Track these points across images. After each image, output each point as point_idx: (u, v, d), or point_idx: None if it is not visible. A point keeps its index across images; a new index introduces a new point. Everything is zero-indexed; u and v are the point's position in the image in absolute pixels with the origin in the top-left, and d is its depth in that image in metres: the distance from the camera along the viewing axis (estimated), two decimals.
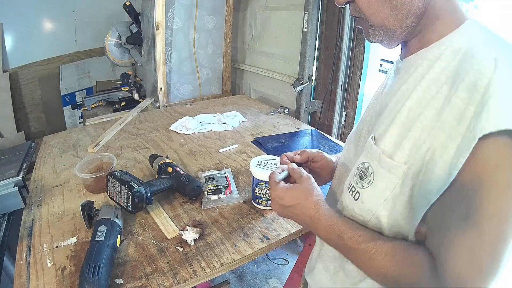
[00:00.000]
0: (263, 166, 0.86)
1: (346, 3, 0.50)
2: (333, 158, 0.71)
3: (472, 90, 0.39)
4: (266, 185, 0.85)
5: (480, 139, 0.37)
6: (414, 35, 0.49)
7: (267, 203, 0.88)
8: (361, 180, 0.51)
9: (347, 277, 0.57)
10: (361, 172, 0.51)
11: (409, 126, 0.45)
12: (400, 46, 0.53)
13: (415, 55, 0.49)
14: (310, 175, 0.58)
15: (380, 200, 0.47)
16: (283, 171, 0.60)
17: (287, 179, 0.60)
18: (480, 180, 0.38)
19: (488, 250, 0.38)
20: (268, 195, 0.86)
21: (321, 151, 0.70)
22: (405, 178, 0.44)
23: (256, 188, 0.87)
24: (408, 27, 0.47)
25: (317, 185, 0.56)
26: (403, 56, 0.53)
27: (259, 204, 0.89)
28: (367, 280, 0.53)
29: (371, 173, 0.49)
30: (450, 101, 0.41)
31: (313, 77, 1.60)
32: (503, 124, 0.36)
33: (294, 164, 0.61)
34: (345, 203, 0.54)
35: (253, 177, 0.87)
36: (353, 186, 0.52)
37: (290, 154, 0.68)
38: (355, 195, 0.51)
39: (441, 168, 0.40)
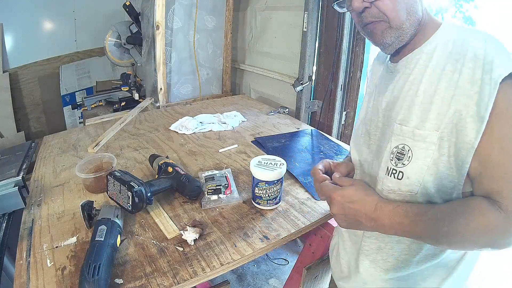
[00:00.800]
0: (263, 166, 0.86)
1: (364, 8, 0.56)
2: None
3: (475, 59, 0.50)
4: (266, 185, 0.85)
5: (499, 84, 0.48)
6: (410, 41, 0.58)
7: (267, 203, 0.88)
8: (400, 161, 0.57)
9: (399, 260, 0.61)
10: (397, 154, 0.57)
11: (429, 101, 0.53)
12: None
13: (411, 54, 0.59)
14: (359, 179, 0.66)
15: (424, 169, 0.54)
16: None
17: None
18: (506, 116, 0.49)
19: None
20: (268, 195, 0.87)
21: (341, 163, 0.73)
22: (440, 142, 0.52)
23: (256, 188, 0.87)
24: (414, 31, 0.57)
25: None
26: (395, 60, 0.62)
27: (259, 204, 0.89)
28: (422, 251, 0.59)
29: (408, 150, 0.56)
30: (461, 71, 0.51)
31: (313, 77, 1.60)
32: (510, 69, 0.48)
33: (336, 174, 0.66)
34: (389, 187, 0.58)
35: (253, 177, 0.87)
36: (393, 169, 0.58)
37: (323, 167, 0.70)
38: (398, 175, 0.57)
39: (471, 121, 0.49)
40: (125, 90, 2.12)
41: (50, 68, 2.63)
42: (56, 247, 0.75)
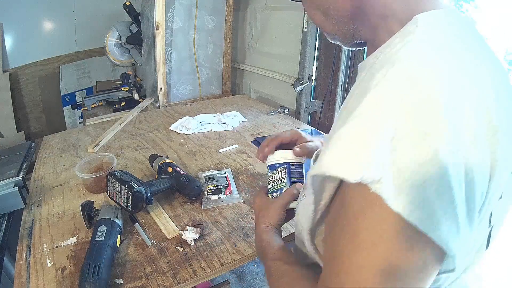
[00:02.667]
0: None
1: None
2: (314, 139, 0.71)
3: (354, 104, 0.34)
4: (269, 170, 0.65)
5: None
6: (366, 38, 0.45)
7: (272, 197, 0.71)
8: (302, 193, 0.50)
9: None
10: (304, 184, 0.49)
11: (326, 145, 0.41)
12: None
13: (362, 63, 0.45)
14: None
15: (306, 216, 0.43)
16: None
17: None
18: (338, 225, 0.34)
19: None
20: (272, 185, 0.66)
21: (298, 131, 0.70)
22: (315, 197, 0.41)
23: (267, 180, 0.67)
24: (346, 29, 0.45)
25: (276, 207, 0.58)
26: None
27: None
28: None
29: (306, 188, 0.45)
30: (344, 118, 0.35)
31: (313, 77, 1.60)
32: (328, 169, 0.32)
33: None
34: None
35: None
36: (299, 198, 0.52)
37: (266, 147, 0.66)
38: (297, 207, 0.50)
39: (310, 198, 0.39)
40: (125, 90, 2.12)
41: (50, 68, 2.63)
42: (56, 247, 0.75)
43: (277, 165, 0.62)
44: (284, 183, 0.62)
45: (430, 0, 0.38)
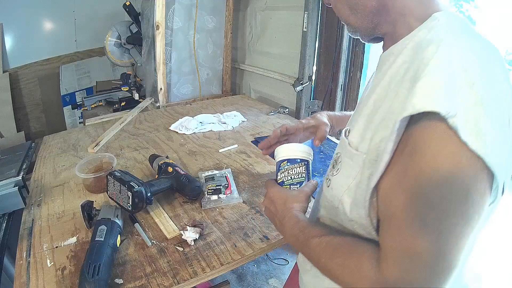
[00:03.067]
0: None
1: (329, 5, 0.56)
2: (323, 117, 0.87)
3: (414, 78, 0.40)
4: (288, 164, 0.65)
5: (411, 123, 0.38)
6: (385, 32, 0.51)
7: (290, 188, 0.67)
8: (333, 169, 0.54)
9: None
10: (334, 161, 0.55)
11: (371, 119, 0.47)
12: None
13: (387, 51, 0.51)
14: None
15: (344, 187, 0.49)
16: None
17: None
18: (408, 168, 0.38)
19: (431, 242, 0.37)
20: (291, 177, 0.66)
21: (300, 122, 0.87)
22: (363, 167, 0.46)
23: (279, 173, 0.67)
24: (369, 24, 0.51)
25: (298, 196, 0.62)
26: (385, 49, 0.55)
27: None
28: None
29: (340, 162, 0.52)
30: (397, 92, 0.42)
31: (313, 77, 1.60)
32: (423, 106, 0.36)
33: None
34: (322, 190, 0.58)
35: (276, 161, 0.68)
36: (327, 174, 0.56)
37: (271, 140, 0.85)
38: (328, 182, 0.55)
39: (387, 154, 0.41)
40: (125, 90, 2.12)
41: (50, 68, 2.63)
42: (56, 247, 0.75)
43: (299, 160, 0.65)
44: (303, 178, 0.65)
45: (437, 2, 0.46)
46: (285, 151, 0.66)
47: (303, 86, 1.57)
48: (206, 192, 0.93)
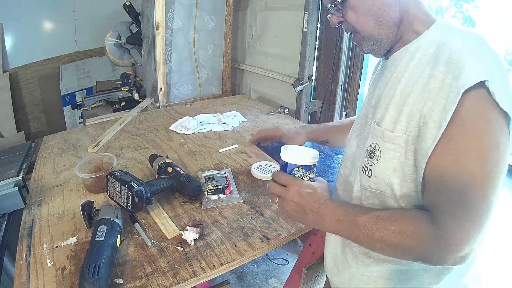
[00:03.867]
0: (295, 151, 0.69)
1: (339, 23, 0.60)
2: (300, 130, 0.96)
3: (448, 63, 0.48)
4: (304, 170, 0.64)
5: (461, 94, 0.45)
6: (397, 40, 0.58)
7: None
8: (371, 159, 0.58)
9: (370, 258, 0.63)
10: (370, 152, 0.58)
11: (403, 103, 0.53)
12: None
13: (399, 51, 0.58)
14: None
15: (390, 170, 0.54)
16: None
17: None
18: (464, 128, 0.46)
19: (479, 192, 0.46)
20: (309, 181, 0.66)
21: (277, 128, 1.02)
22: (406, 145, 0.52)
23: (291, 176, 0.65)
24: (391, 35, 0.57)
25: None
26: (387, 57, 0.62)
27: None
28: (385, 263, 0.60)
29: (378, 150, 0.56)
30: (433, 75, 0.50)
31: (313, 77, 1.60)
32: (477, 78, 0.45)
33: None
34: (362, 183, 0.60)
35: (284, 163, 0.66)
36: (365, 166, 0.59)
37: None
38: (368, 173, 0.58)
39: (432, 127, 0.48)
40: (125, 90, 2.13)
41: (50, 68, 2.63)
42: (56, 247, 0.75)
43: (312, 166, 0.67)
44: (314, 179, 0.68)
45: (432, 14, 0.57)
46: (300, 157, 0.65)
47: (303, 86, 1.57)
48: (206, 192, 0.93)
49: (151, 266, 0.70)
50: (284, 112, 1.64)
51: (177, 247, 0.75)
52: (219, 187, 0.93)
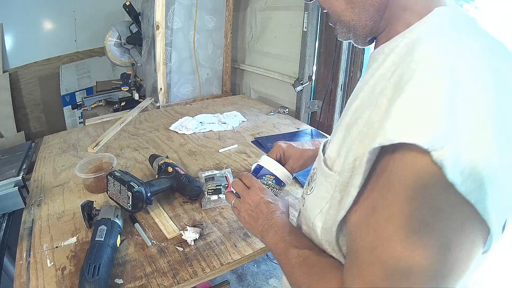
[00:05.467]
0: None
1: (311, 0, 0.50)
2: (306, 145, 0.73)
3: (397, 87, 0.33)
4: (275, 182, 0.67)
5: (385, 151, 0.32)
6: (382, 30, 0.43)
7: None
8: (308, 186, 0.49)
9: None
10: (310, 177, 0.49)
11: (349, 130, 0.40)
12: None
13: (378, 49, 0.43)
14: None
15: (317, 210, 0.44)
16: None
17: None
18: (387, 207, 0.32)
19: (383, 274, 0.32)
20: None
21: (283, 144, 0.73)
22: (335, 189, 0.40)
23: (260, 179, 0.68)
24: (368, 22, 0.42)
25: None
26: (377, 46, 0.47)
27: None
28: None
29: (314, 180, 0.46)
30: (377, 101, 0.36)
31: (313, 77, 1.60)
32: (398, 136, 0.29)
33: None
34: (300, 209, 0.54)
35: (258, 166, 0.69)
36: (303, 192, 0.51)
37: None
38: (302, 201, 0.50)
39: (354, 192, 0.36)
40: (125, 90, 2.12)
41: (50, 68, 2.62)
42: (56, 247, 0.75)
43: (283, 184, 0.68)
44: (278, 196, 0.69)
45: None
46: (278, 168, 0.67)
47: (303, 86, 1.57)
48: (206, 192, 0.93)
49: (151, 266, 0.70)
50: (284, 112, 1.64)
51: (177, 247, 0.75)
52: (219, 187, 0.93)
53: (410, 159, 0.30)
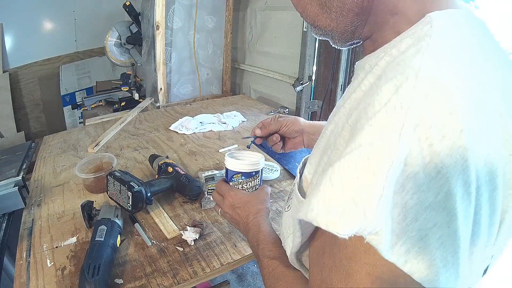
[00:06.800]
0: (239, 157, 0.72)
1: None
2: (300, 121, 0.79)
3: (350, 136, 0.29)
4: (243, 177, 0.66)
5: None
6: (367, 35, 0.39)
7: None
8: (286, 202, 0.48)
9: None
10: (289, 193, 0.48)
11: (322, 156, 0.38)
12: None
13: (361, 61, 0.39)
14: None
15: (288, 232, 0.42)
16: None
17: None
18: (324, 245, 0.33)
19: None
20: (250, 190, 0.69)
21: (280, 119, 0.80)
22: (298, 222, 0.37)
23: (231, 183, 0.68)
24: (348, 27, 0.38)
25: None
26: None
27: None
28: None
29: (291, 198, 0.44)
30: (340, 134, 0.32)
31: (313, 77, 1.60)
32: (314, 218, 0.28)
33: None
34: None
35: (227, 169, 0.68)
36: (284, 204, 0.50)
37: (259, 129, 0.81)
38: (281, 214, 0.53)
39: (298, 241, 0.37)
40: (125, 90, 2.12)
41: (50, 68, 2.62)
42: (56, 247, 0.75)
43: (253, 173, 0.67)
44: (258, 185, 0.69)
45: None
46: (237, 163, 0.66)
47: (303, 86, 1.57)
48: (206, 192, 0.93)
49: (151, 266, 0.70)
50: (284, 112, 1.64)
51: (177, 247, 0.75)
52: None
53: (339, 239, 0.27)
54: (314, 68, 1.59)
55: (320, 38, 0.43)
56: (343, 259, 0.30)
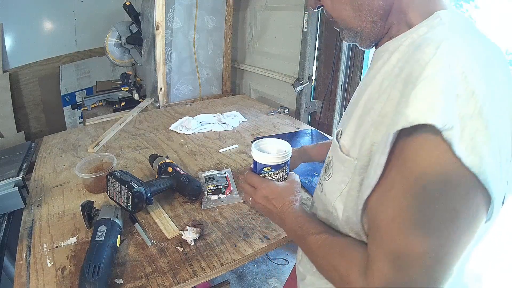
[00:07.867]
0: (266, 150, 0.69)
1: (318, 7, 0.52)
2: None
3: (407, 81, 0.37)
4: (273, 170, 0.65)
5: (403, 134, 0.36)
6: (385, 33, 0.48)
7: None
8: (325, 173, 0.53)
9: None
10: (326, 164, 0.54)
11: (362, 121, 0.45)
12: None
13: (381, 47, 0.48)
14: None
15: (337, 194, 0.48)
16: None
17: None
18: (402, 183, 0.37)
19: (417, 254, 0.36)
20: (280, 180, 0.68)
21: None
22: (354, 173, 0.44)
23: (261, 175, 0.66)
24: (374, 28, 0.47)
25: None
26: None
27: None
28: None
29: (331, 166, 0.51)
30: (389, 94, 0.40)
31: (313, 77, 1.60)
32: (417, 117, 0.34)
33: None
34: (316, 195, 0.58)
35: (255, 162, 0.67)
36: (320, 179, 0.56)
37: None
38: (321, 187, 0.54)
39: (376, 162, 0.39)
40: (125, 90, 2.12)
41: (50, 68, 2.62)
42: (56, 247, 0.75)
43: (283, 164, 0.66)
44: (287, 175, 0.68)
45: (442, 1, 0.44)
46: (267, 157, 0.65)
47: (303, 86, 1.57)
48: (206, 192, 0.93)
49: (151, 266, 0.70)
50: (284, 112, 1.64)
51: (177, 247, 0.75)
52: (219, 187, 0.93)
53: (423, 139, 0.34)
54: (314, 68, 1.59)
55: (349, 42, 0.52)
56: (416, 174, 0.35)
